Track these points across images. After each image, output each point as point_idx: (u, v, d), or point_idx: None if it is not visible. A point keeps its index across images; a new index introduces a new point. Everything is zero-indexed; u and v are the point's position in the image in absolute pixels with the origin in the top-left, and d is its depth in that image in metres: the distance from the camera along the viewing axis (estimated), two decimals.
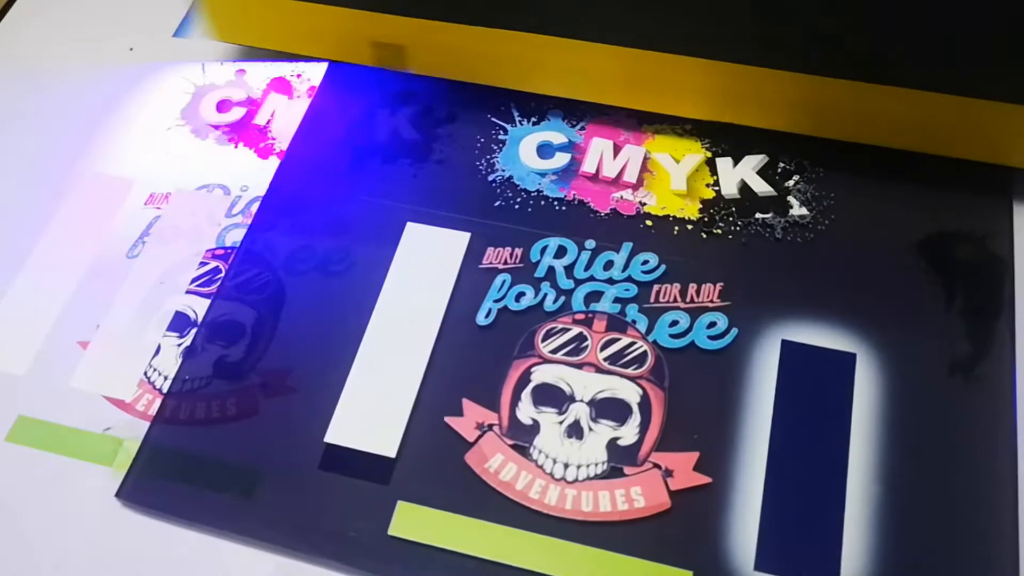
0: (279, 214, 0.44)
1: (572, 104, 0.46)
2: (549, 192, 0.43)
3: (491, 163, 0.45)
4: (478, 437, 0.37)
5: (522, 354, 0.39)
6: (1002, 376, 0.37)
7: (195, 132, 0.49)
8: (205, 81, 0.51)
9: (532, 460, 0.36)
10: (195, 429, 0.38)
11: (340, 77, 0.49)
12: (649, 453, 0.36)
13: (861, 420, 0.36)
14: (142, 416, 0.40)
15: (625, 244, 0.41)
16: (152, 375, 0.40)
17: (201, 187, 0.47)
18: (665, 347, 0.39)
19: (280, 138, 0.48)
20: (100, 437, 0.39)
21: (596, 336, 0.39)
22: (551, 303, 0.40)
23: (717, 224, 0.42)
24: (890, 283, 0.39)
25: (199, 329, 0.41)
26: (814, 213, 0.42)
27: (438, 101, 0.47)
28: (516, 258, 0.42)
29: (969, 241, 0.40)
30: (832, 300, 0.39)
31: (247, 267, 0.43)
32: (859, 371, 0.37)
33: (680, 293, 0.40)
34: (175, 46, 0.52)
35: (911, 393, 0.37)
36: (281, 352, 0.40)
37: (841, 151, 0.43)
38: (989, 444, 0.36)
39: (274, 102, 0.50)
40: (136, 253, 0.44)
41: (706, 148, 0.44)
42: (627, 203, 0.43)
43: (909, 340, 0.38)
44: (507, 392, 0.38)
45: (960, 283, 0.39)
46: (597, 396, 0.38)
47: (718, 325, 0.39)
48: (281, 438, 0.38)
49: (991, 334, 0.38)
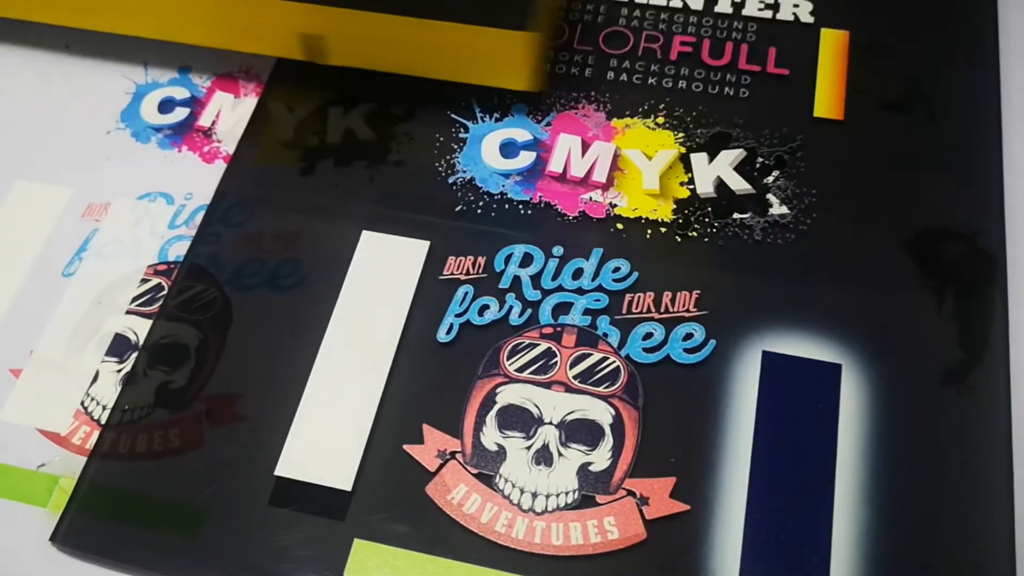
0: (225, 224, 0.42)
1: (537, 98, 0.43)
2: (513, 194, 0.41)
3: (451, 164, 0.42)
4: (440, 466, 0.35)
5: (486, 373, 0.36)
6: (996, 385, 0.35)
7: (136, 136, 0.46)
8: (147, 79, 0.48)
9: (498, 490, 0.34)
10: (136, 464, 0.36)
11: (290, 73, 0.46)
12: (623, 479, 0.34)
13: (848, 436, 0.34)
14: (79, 451, 0.37)
15: (595, 250, 0.39)
16: (90, 405, 0.38)
17: (143, 196, 0.44)
18: (639, 362, 0.36)
19: (226, 141, 0.45)
20: (33, 475, 0.37)
21: (565, 352, 0.36)
22: (516, 316, 0.37)
23: (692, 226, 0.39)
24: (876, 286, 0.37)
25: (140, 353, 0.38)
26: (795, 212, 0.39)
27: (394, 97, 0.44)
28: (479, 267, 0.39)
29: (959, 239, 0.38)
30: (815, 306, 0.37)
31: (191, 283, 0.40)
32: (845, 383, 0.35)
33: (654, 302, 0.37)
34: (114, 43, 0.48)
35: (901, 406, 0.35)
36: (228, 377, 0.37)
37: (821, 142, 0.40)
38: (983, 458, 0.34)
39: (220, 101, 0.47)
40: (72, 271, 0.42)
41: (680, 143, 0.41)
42: (597, 205, 0.40)
43: (898, 348, 0.36)
44: (470, 416, 0.35)
45: (950, 285, 0.37)
46: (567, 417, 0.35)
47: (695, 337, 0.36)
48: (228, 472, 0.35)
49: (984, 340, 0.36)
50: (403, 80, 0.44)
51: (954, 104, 0.42)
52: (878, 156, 0.40)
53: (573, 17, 0.47)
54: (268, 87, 0.46)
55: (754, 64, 0.44)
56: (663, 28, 0.46)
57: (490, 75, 0.42)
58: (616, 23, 0.46)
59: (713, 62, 0.44)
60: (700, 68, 0.44)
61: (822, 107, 0.42)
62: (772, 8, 0.45)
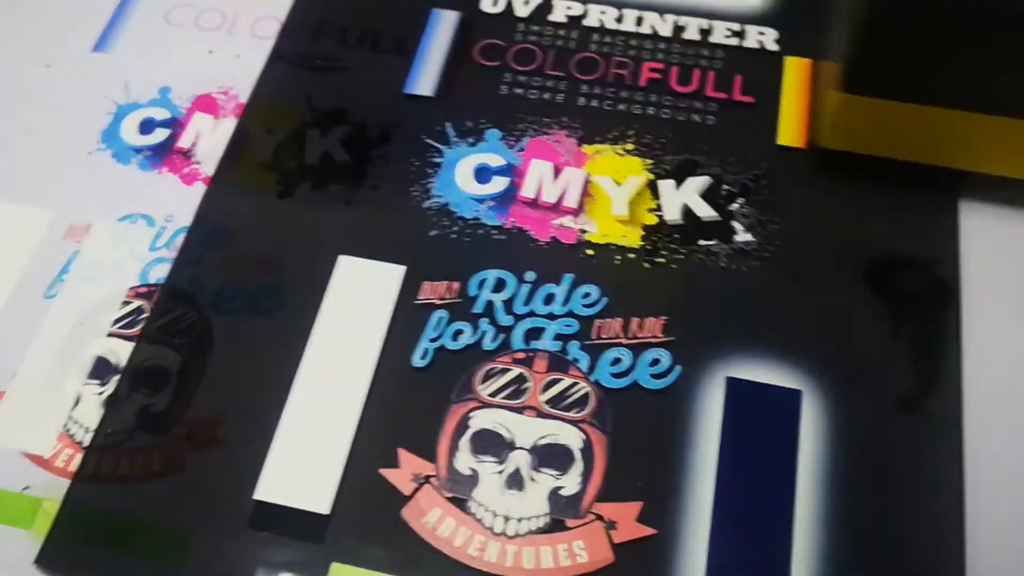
0: (206, 247, 0.42)
1: (510, 122, 0.45)
2: (487, 220, 0.42)
3: (426, 189, 0.43)
4: (415, 490, 0.36)
5: (460, 398, 0.37)
6: (949, 411, 0.36)
7: (117, 157, 0.47)
8: (128, 99, 0.49)
9: (471, 514, 0.35)
10: (118, 487, 0.37)
11: (267, 93, 0.47)
12: (592, 503, 0.35)
13: (808, 460, 0.36)
14: (62, 473, 0.38)
15: (566, 276, 0.40)
16: (72, 428, 0.38)
17: (123, 218, 0.44)
18: (608, 387, 0.37)
19: (206, 162, 0.46)
20: (18, 497, 0.37)
21: (537, 377, 0.38)
22: (490, 341, 0.39)
23: (660, 252, 0.40)
24: (836, 313, 0.38)
25: (121, 376, 0.39)
26: (759, 239, 0.40)
27: (371, 119, 0.45)
28: (453, 292, 0.40)
29: (916, 268, 0.39)
30: (777, 333, 0.38)
31: (172, 306, 0.41)
32: (806, 408, 0.36)
33: (623, 328, 0.38)
34: (95, 62, 0.49)
35: (858, 431, 0.36)
36: (209, 400, 0.38)
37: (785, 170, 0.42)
38: (937, 482, 0.35)
39: (199, 122, 0.47)
40: (55, 292, 0.42)
41: (648, 170, 0.43)
42: (567, 231, 0.41)
43: (856, 374, 0.37)
44: (444, 440, 0.37)
45: (907, 313, 0.38)
46: (539, 442, 0.36)
47: (661, 362, 0.37)
48: (209, 495, 0.36)
49: (939, 366, 0.37)
50: (377, 101, 0.45)
51: None
52: (839, 184, 0.42)
53: (545, 43, 0.48)
54: (247, 109, 0.46)
55: (721, 91, 0.45)
56: (632, 55, 0.47)
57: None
58: (587, 49, 0.47)
59: (681, 89, 0.45)
60: (668, 95, 0.45)
61: (786, 135, 0.43)
62: (738, 36, 0.47)
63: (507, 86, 0.46)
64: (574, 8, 0.49)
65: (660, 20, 0.48)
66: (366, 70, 0.47)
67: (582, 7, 0.49)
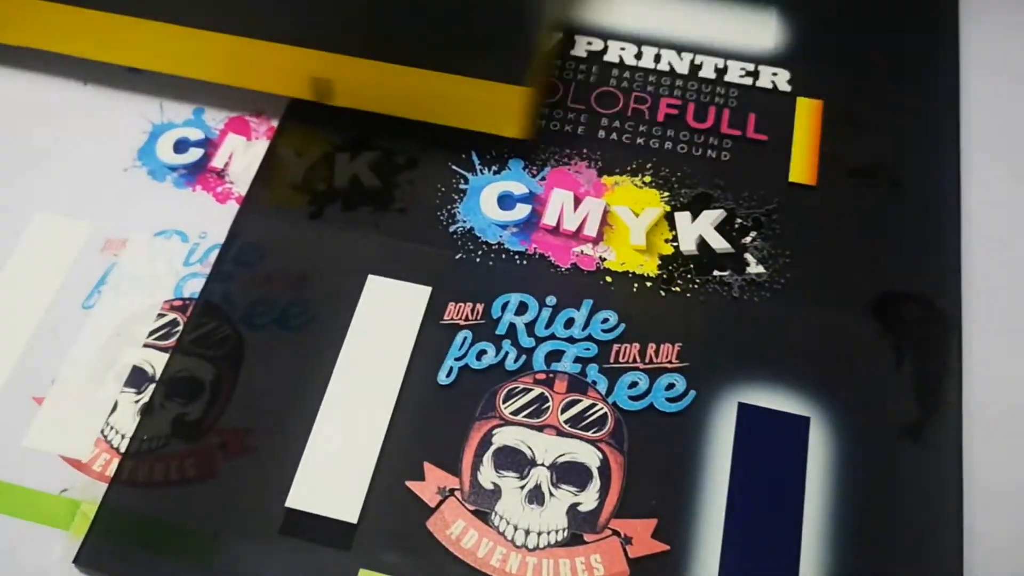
0: (238, 263, 0.44)
1: (533, 152, 0.46)
2: (510, 245, 0.44)
3: (452, 213, 0.45)
4: (440, 502, 0.37)
5: (483, 415, 0.39)
6: (949, 440, 0.38)
7: (152, 174, 0.48)
8: (163, 119, 0.50)
9: (493, 527, 0.37)
10: (154, 491, 0.38)
11: (300, 118, 0.49)
12: (609, 519, 0.37)
13: (814, 484, 0.37)
14: (99, 477, 0.39)
15: (585, 301, 0.42)
16: (109, 433, 0.40)
17: (159, 233, 0.46)
18: (624, 409, 0.39)
19: (238, 182, 0.48)
20: (56, 499, 0.39)
21: (557, 397, 0.39)
22: (512, 362, 0.40)
23: (676, 281, 0.42)
24: (843, 344, 0.40)
25: (157, 385, 0.41)
26: (770, 271, 0.42)
27: (399, 145, 0.47)
28: (477, 314, 0.42)
29: (919, 301, 0.41)
30: (787, 361, 0.40)
31: (205, 320, 0.42)
32: (813, 434, 0.38)
33: (639, 353, 0.40)
34: (131, 81, 0.51)
35: (861, 457, 0.38)
36: (241, 411, 0.40)
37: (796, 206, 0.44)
38: (935, 510, 0.37)
39: (232, 143, 0.49)
40: (92, 303, 0.44)
41: (665, 202, 0.45)
42: (587, 258, 0.43)
43: (860, 403, 0.39)
44: (468, 455, 0.38)
45: (909, 344, 0.40)
46: (558, 460, 0.38)
47: (676, 387, 0.39)
48: (241, 501, 0.38)
49: (939, 397, 0.39)
50: (407, 130, 0.47)
51: (917, 174, 0.45)
52: (847, 220, 0.44)
53: (567, 76, 0.50)
54: (279, 131, 0.48)
55: (735, 129, 0.47)
56: (651, 90, 0.49)
57: (486, 123, 0.45)
58: (607, 84, 0.49)
59: (697, 125, 0.47)
60: (685, 130, 0.47)
61: (797, 172, 0.45)
62: (752, 76, 0.49)
63: None
64: (595, 44, 0.51)
65: (677, 58, 0.50)
66: None
67: (603, 43, 0.51)
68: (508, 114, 0.44)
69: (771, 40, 0.50)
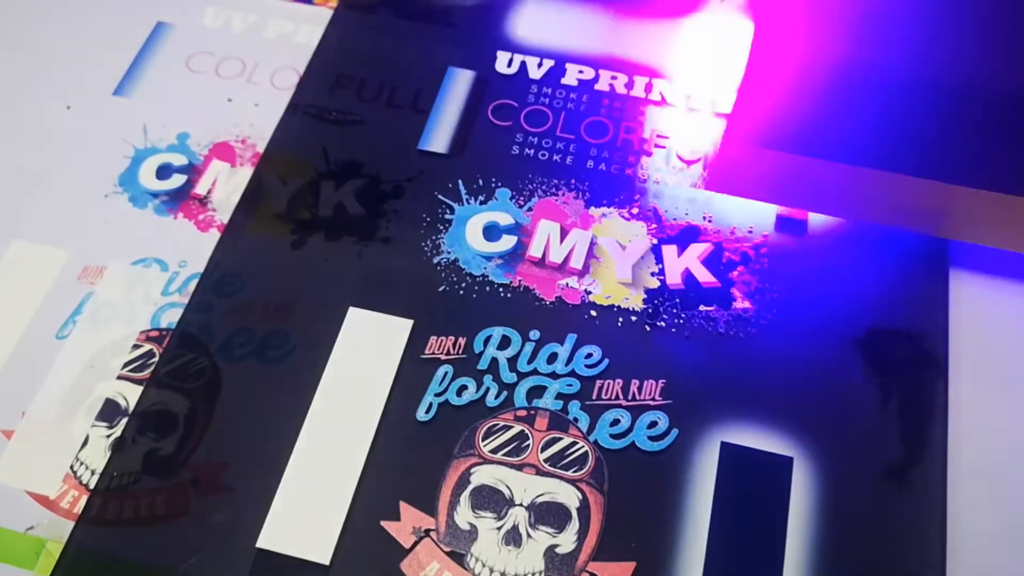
0: (218, 293, 0.43)
1: (520, 182, 0.46)
2: (495, 277, 0.43)
3: (436, 244, 0.44)
4: (415, 543, 0.36)
5: (462, 453, 0.38)
6: (933, 483, 0.37)
7: (133, 201, 0.48)
8: (146, 143, 0.50)
9: (469, 569, 0.36)
10: (122, 530, 0.37)
11: (285, 144, 0.48)
12: (587, 563, 0.36)
13: (796, 526, 0.37)
14: (67, 515, 0.38)
15: (569, 336, 0.41)
16: (79, 469, 0.39)
17: (137, 262, 0.45)
18: (606, 447, 0.38)
19: (221, 209, 0.47)
20: (22, 537, 0.38)
21: (538, 435, 0.38)
22: (493, 398, 0.39)
23: (661, 316, 0.41)
24: (828, 382, 0.40)
25: (129, 419, 0.40)
26: (757, 307, 0.42)
27: (386, 173, 0.46)
28: (459, 348, 0.41)
29: (906, 340, 0.40)
30: (772, 400, 0.39)
31: (182, 351, 0.42)
32: (796, 475, 0.37)
33: (622, 390, 0.39)
34: (115, 105, 0.51)
35: (845, 499, 0.37)
36: (215, 446, 0.39)
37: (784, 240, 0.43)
38: (919, 553, 0.36)
39: (216, 169, 0.48)
40: (66, 333, 0.43)
41: (652, 234, 0.44)
42: (572, 291, 0.42)
43: (845, 444, 0.38)
44: (445, 494, 0.37)
45: (896, 384, 0.39)
46: (536, 500, 0.37)
47: (659, 425, 0.38)
48: (212, 541, 0.37)
49: (924, 439, 0.38)
50: (391, 156, 0.46)
51: None
52: (835, 258, 0.43)
53: (557, 105, 0.49)
54: (264, 158, 0.48)
55: None
56: (642, 120, 0.48)
57: None
58: (597, 113, 0.48)
59: (687, 158, 0.47)
60: (674, 162, 0.46)
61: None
62: None
63: (518, 146, 0.47)
64: (586, 72, 0.50)
65: (670, 88, 0.49)
66: (381, 124, 0.48)
67: (593, 71, 0.50)
68: None
69: None
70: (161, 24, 0.53)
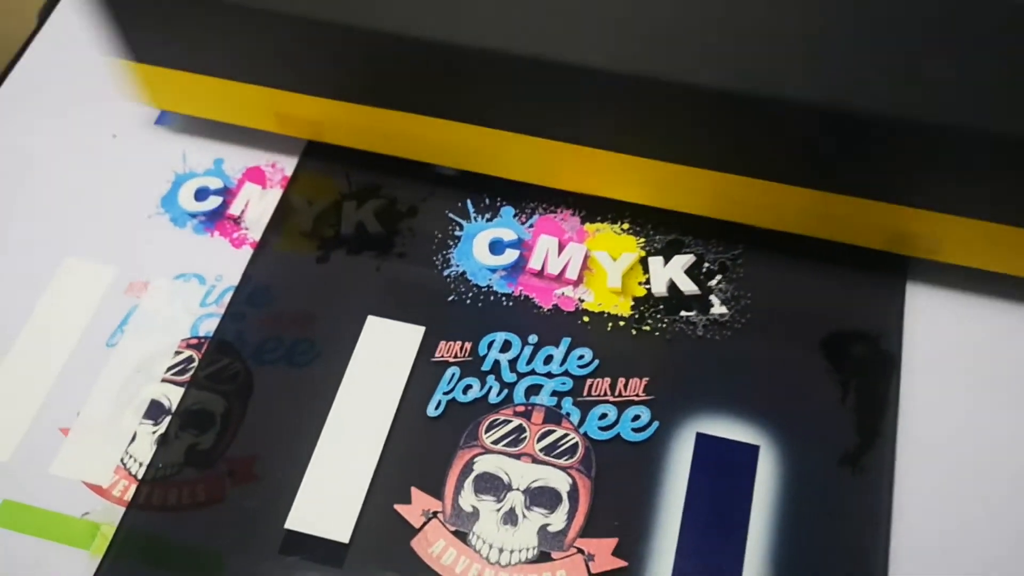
0: (250, 305, 0.48)
1: (523, 201, 0.50)
2: (498, 288, 0.47)
3: (447, 258, 0.49)
4: (423, 524, 0.41)
5: (467, 444, 0.43)
6: (883, 467, 0.41)
7: (174, 221, 0.52)
8: (185, 169, 0.54)
9: (471, 546, 0.40)
10: (167, 515, 0.42)
11: (312, 168, 0.52)
12: (574, 539, 0.40)
13: (760, 506, 0.41)
14: (118, 502, 0.43)
15: (564, 339, 0.45)
16: (128, 462, 0.44)
17: (178, 276, 0.50)
18: (594, 438, 0.43)
19: (253, 228, 0.51)
20: (79, 522, 0.43)
21: (534, 428, 0.43)
22: (495, 396, 0.44)
23: (646, 321, 0.46)
24: (794, 379, 0.44)
25: (172, 418, 0.45)
26: (732, 312, 0.46)
27: (402, 194, 0.51)
28: (466, 352, 0.45)
29: (865, 340, 0.44)
30: (743, 395, 0.43)
31: (219, 357, 0.46)
32: (762, 461, 0.42)
33: (610, 387, 0.44)
34: (157, 134, 0.55)
35: (805, 482, 0.41)
36: (248, 441, 0.44)
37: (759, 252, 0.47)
38: (868, 531, 0.40)
39: (248, 192, 0.53)
40: (115, 342, 0.48)
41: (641, 247, 0.48)
42: (568, 299, 0.47)
43: (806, 433, 0.42)
44: (451, 480, 0.42)
45: (854, 380, 0.43)
46: (532, 485, 0.42)
47: (641, 418, 0.43)
48: (245, 524, 0.42)
49: (877, 428, 0.42)
50: (408, 178, 0.51)
51: None
52: (805, 267, 0.47)
53: None
54: (291, 181, 0.52)
55: None
56: None
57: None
58: None
59: None
60: None
61: None
62: None
63: None
64: None
65: None
66: None
67: None
68: None
69: None
70: None
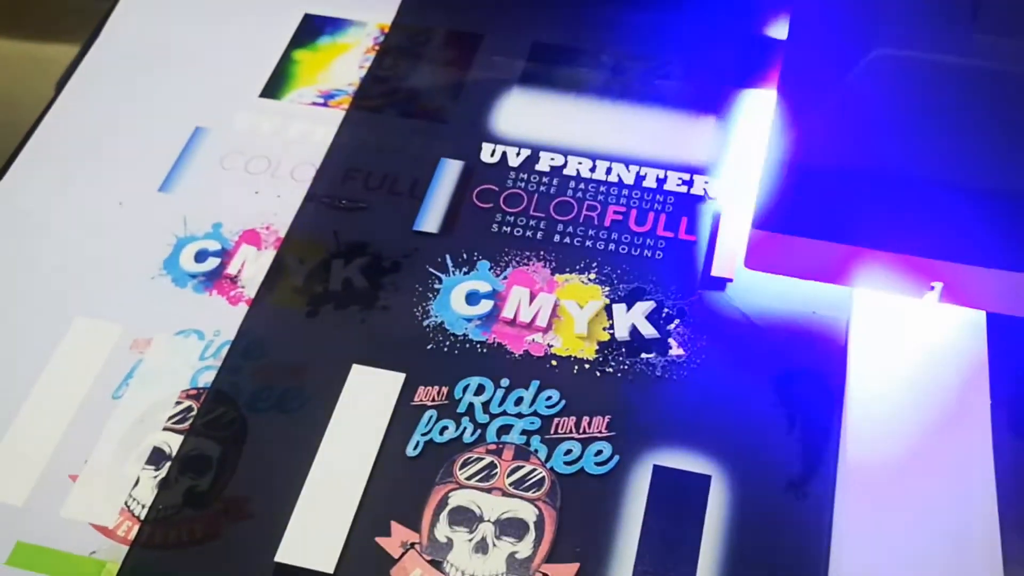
0: (245, 357, 0.51)
1: (498, 254, 0.54)
2: (473, 336, 0.51)
3: (426, 310, 0.53)
4: (402, 554, 0.44)
5: (442, 480, 0.46)
6: (825, 493, 0.45)
7: (175, 281, 0.55)
8: (186, 232, 0.57)
9: (446, 574, 0.44)
10: (167, 552, 0.45)
11: (302, 229, 0.56)
12: (540, 565, 0.43)
13: (711, 532, 0.44)
14: (123, 541, 0.46)
15: (533, 382, 0.49)
16: (132, 504, 0.47)
17: (179, 333, 0.53)
18: (560, 472, 0.46)
19: (248, 286, 0.54)
20: (87, 560, 0.45)
21: (504, 464, 0.46)
22: (469, 436, 0.47)
23: (609, 363, 0.49)
24: (745, 414, 0.47)
25: (172, 463, 0.48)
26: (689, 353, 0.49)
27: (386, 252, 0.55)
28: (442, 396, 0.49)
29: (810, 378, 0.48)
30: (698, 430, 0.46)
31: (216, 406, 0.50)
32: (713, 490, 0.45)
33: (575, 425, 0.47)
34: (160, 200, 0.58)
35: (753, 507, 0.44)
36: (242, 482, 0.47)
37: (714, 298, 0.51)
38: (810, 549, 0.43)
39: (245, 252, 0.56)
40: (120, 394, 0.51)
41: (606, 296, 0.52)
42: (538, 345, 0.51)
43: (755, 463, 0.45)
44: (428, 514, 0.45)
45: (799, 414, 0.47)
46: (502, 516, 0.45)
47: (604, 453, 0.46)
48: (239, 558, 0.45)
49: (820, 456, 0.45)
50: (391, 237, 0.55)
51: None
52: (756, 310, 0.51)
53: (532, 188, 0.58)
54: (285, 242, 0.56)
55: (669, 231, 0.54)
56: (601, 199, 0.57)
57: None
58: (565, 194, 0.57)
59: (638, 229, 0.55)
60: (627, 234, 0.55)
61: (719, 268, 0.53)
62: (687, 184, 0.57)
63: (498, 224, 0.56)
64: (557, 159, 0.59)
65: (625, 170, 0.58)
66: (384, 210, 0.56)
67: (563, 158, 0.59)
68: None
69: (705, 152, 0.58)
70: (199, 129, 0.61)
